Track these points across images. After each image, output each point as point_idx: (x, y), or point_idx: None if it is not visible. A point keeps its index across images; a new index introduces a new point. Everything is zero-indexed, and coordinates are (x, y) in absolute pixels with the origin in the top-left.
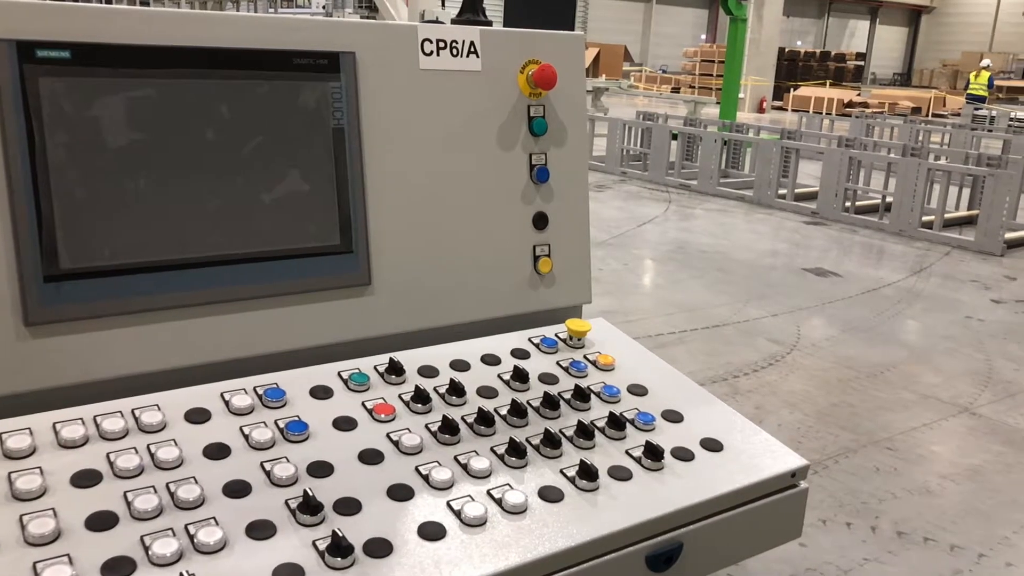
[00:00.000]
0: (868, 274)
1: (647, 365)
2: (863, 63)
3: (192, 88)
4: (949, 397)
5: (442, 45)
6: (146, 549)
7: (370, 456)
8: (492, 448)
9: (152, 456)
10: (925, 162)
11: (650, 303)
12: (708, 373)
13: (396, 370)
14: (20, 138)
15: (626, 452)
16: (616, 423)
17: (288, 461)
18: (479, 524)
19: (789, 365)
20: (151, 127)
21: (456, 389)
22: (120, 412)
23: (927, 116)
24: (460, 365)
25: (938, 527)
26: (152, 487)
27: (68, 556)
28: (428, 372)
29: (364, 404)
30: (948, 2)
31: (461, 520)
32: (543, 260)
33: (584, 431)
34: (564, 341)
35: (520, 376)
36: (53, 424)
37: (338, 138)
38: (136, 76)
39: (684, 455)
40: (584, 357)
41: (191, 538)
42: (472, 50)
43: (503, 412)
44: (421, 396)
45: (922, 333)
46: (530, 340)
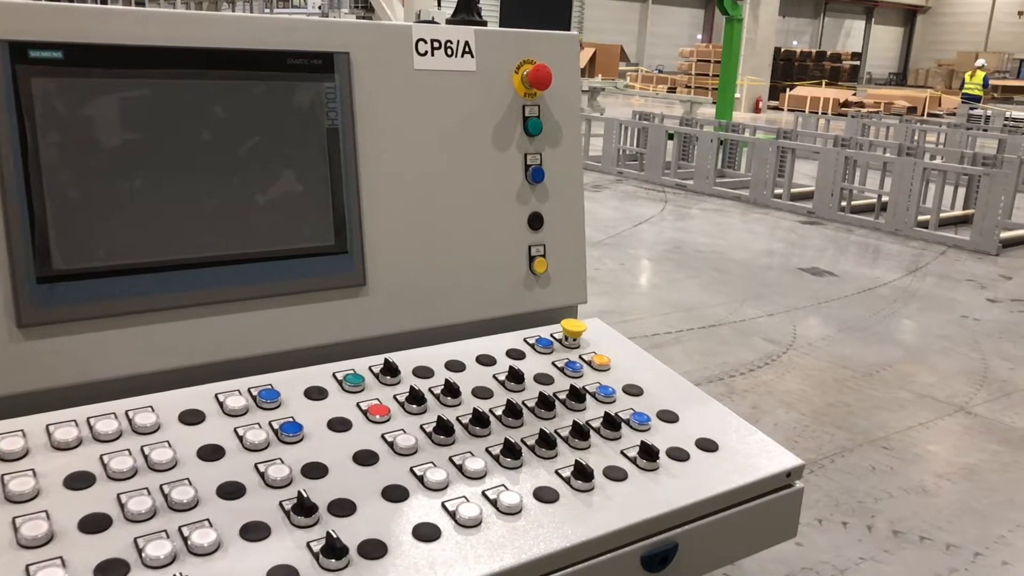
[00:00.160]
0: (864, 273)
1: (642, 365)
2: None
3: (185, 88)
4: (945, 396)
5: (436, 45)
6: (140, 551)
7: (365, 457)
8: (487, 449)
9: (146, 458)
10: (921, 162)
11: (646, 303)
12: (704, 373)
13: (391, 371)
14: (12, 139)
15: (621, 452)
16: (611, 423)
17: (282, 462)
18: (474, 525)
19: (785, 365)
20: (144, 127)
21: (451, 390)
22: (114, 414)
23: (923, 116)
24: (455, 366)
25: (934, 526)
26: (146, 489)
27: (61, 559)
28: (423, 373)
29: (359, 405)
30: (943, 2)
31: (456, 521)
32: (538, 260)
33: (579, 431)
34: (559, 341)
35: (515, 376)
36: (46, 426)
37: (332, 138)
38: (129, 76)
39: (679, 455)
40: (579, 357)
41: (185, 540)
42: (467, 50)
43: (498, 413)
44: (416, 397)
45: (918, 332)
46: (525, 340)
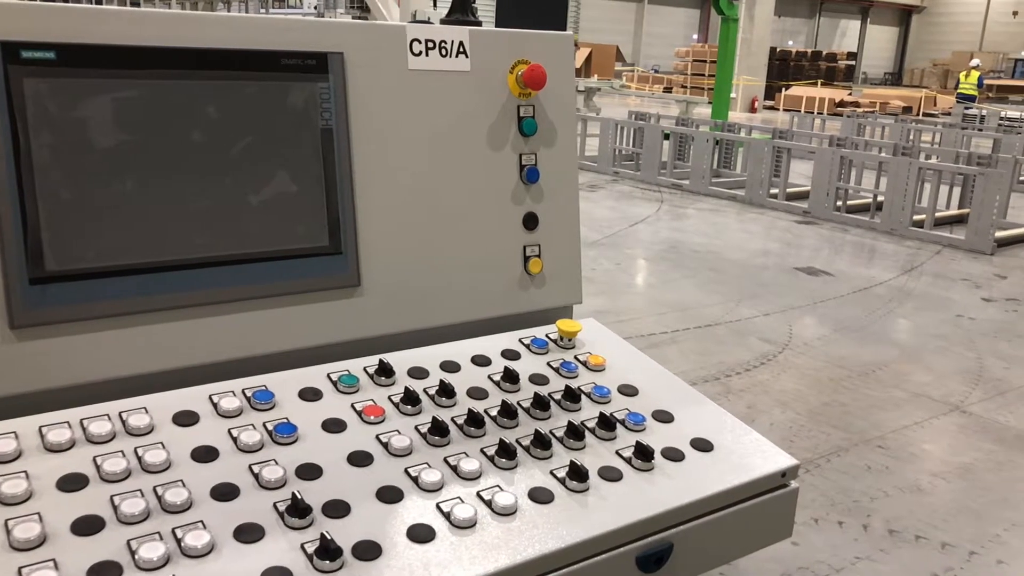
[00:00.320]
0: (859, 273)
1: (638, 365)
2: (854, 63)
3: (179, 89)
4: (940, 395)
5: (431, 45)
6: (133, 553)
7: (359, 458)
8: (482, 449)
9: (139, 459)
10: (916, 161)
11: (642, 303)
12: (700, 373)
13: (386, 371)
14: (5, 139)
15: (616, 453)
16: (606, 424)
17: (277, 463)
18: (469, 526)
19: (781, 364)
20: (138, 128)
21: (446, 390)
22: (107, 415)
23: (918, 115)
24: (450, 366)
25: (929, 525)
26: (139, 491)
27: (54, 561)
28: (418, 373)
29: (353, 406)
30: (938, 2)
31: (451, 522)
32: (533, 260)
33: (574, 432)
34: (554, 342)
35: (510, 377)
36: (39, 427)
37: (326, 139)
38: (122, 77)
39: (674, 455)
40: (575, 358)
41: (178, 542)
42: (461, 50)
43: (493, 413)
44: (411, 397)
45: (913, 332)
46: (520, 341)
